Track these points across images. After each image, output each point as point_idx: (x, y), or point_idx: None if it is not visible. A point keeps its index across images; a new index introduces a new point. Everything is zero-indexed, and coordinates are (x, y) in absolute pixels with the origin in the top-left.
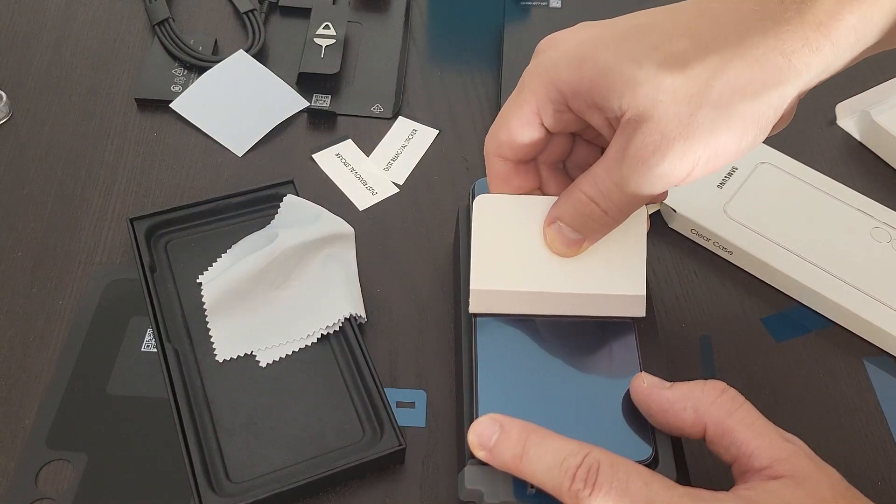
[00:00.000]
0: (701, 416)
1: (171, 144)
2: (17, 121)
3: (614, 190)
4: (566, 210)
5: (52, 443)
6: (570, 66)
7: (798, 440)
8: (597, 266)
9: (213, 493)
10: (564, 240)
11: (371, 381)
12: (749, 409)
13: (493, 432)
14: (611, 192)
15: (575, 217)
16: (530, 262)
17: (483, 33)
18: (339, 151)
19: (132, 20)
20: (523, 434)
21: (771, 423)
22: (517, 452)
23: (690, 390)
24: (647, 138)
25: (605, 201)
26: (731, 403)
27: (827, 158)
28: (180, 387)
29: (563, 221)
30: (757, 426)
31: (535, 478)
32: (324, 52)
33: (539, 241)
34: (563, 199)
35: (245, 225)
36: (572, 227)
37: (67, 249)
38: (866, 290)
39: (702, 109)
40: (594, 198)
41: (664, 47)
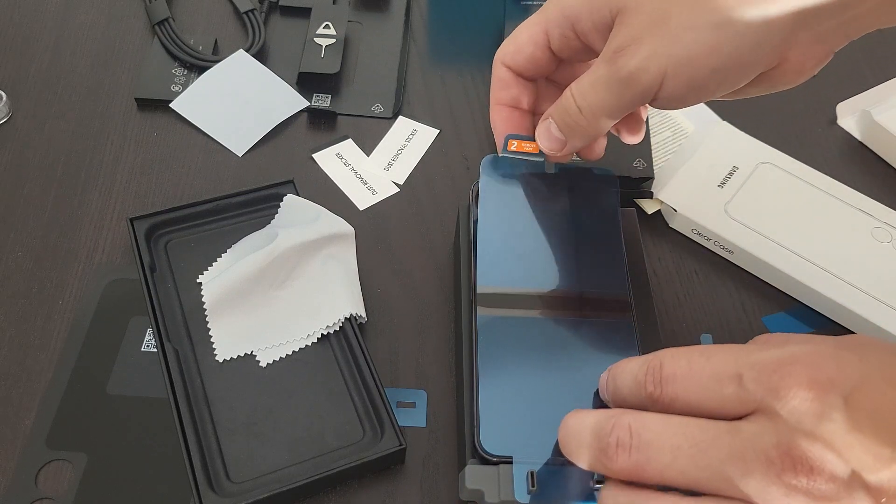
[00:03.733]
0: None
1: (171, 144)
2: (17, 121)
3: (589, 90)
4: (555, 106)
5: (52, 443)
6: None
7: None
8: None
9: (213, 493)
10: (549, 135)
11: (371, 381)
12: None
13: None
14: (586, 92)
15: (558, 114)
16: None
17: (483, 33)
18: (340, 151)
19: (132, 20)
20: None
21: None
22: None
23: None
24: (619, 40)
25: (582, 99)
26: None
27: (828, 158)
28: (180, 387)
29: (552, 118)
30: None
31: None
32: (324, 52)
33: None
34: (558, 100)
35: (245, 225)
36: (558, 124)
37: (67, 249)
38: (867, 290)
39: (676, 11)
40: (574, 95)
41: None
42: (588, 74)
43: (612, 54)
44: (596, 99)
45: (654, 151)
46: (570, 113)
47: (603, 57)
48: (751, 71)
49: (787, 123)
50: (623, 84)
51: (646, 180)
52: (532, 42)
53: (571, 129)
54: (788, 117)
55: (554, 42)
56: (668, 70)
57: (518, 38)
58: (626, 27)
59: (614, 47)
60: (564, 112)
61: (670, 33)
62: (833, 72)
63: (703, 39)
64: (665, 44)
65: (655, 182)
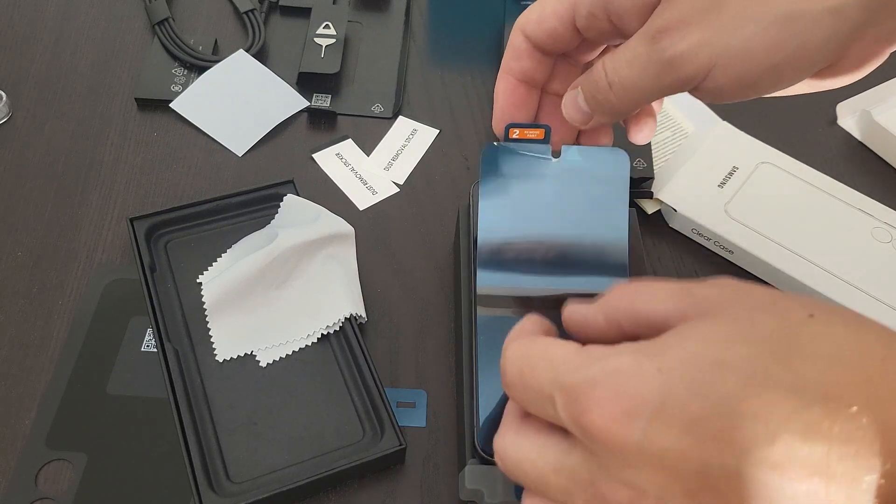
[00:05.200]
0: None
1: (171, 144)
2: (17, 121)
3: (624, 66)
4: (584, 77)
5: (52, 443)
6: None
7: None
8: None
9: (213, 493)
10: (575, 105)
11: (371, 380)
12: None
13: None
14: (620, 68)
15: (587, 85)
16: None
17: (483, 33)
18: (340, 151)
19: (132, 20)
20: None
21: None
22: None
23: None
24: (664, 19)
25: (615, 75)
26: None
27: (828, 158)
28: (180, 387)
29: (581, 88)
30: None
31: None
32: (324, 52)
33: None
34: (589, 70)
35: (245, 225)
36: (585, 96)
37: (67, 249)
38: (867, 290)
39: (733, 1)
40: (606, 67)
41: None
42: (624, 50)
43: (656, 33)
44: (631, 77)
45: (654, 151)
46: (599, 87)
47: (643, 34)
48: (810, 69)
49: (787, 123)
50: (664, 67)
51: (646, 180)
52: (556, 15)
53: (599, 104)
54: (788, 117)
55: (580, 19)
56: (718, 61)
57: (543, 9)
58: (675, 7)
59: (658, 26)
60: (594, 85)
61: (727, 21)
62: None
63: (766, 33)
64: (720, 33)
65: (655, 182)
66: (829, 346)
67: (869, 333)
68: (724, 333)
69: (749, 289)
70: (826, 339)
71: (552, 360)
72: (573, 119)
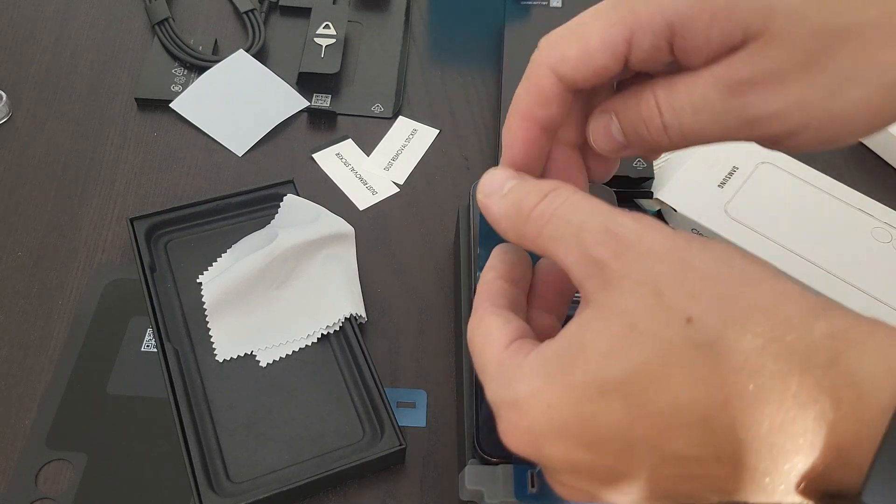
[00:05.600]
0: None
1: (171, 144)
2: (17, 121)
3: (688, 112)
4: (627, 106)
5: (52, 443)
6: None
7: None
8: None
9: (213, 493)
10: (608, 135)
11: (371, 380)
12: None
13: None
14: (683, 113)
15: (631, 117)
16: None
17: (483, 33)
18: (340, 151)
19: (132, 20)
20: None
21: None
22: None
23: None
24: (752, 69)
25: (673, 118)
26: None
27: (828, 158)
28: (180, 387)
29: (618, 117)
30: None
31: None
32: (324, 52)
33: None
34: (627, 94)
35: (245, 225)
36: (625, 129)
37: (67, 249)
38: (867, 290)
39: (841, 54)
40: (662, 106)
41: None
42: (690, 92)
43: (739, 85)
44: (695, 125)
45: None
46: (649, 126)
47: (720, 82)
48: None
49: None
50: (743, 123)
51: (646, 180)
52: (607, 49)
53: (643, 140)
54: None
55: (638, 52)
56: (811, 123)
57: (586, 40)
58: (766, 58)
59: (744, 77)
60: (642, 122)
61: (829, 81)
62: None
63: (872, 99)
64: (820, 94)
65: (655, 182)
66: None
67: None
68: (604, 353)
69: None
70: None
71: (484, 365)
72: (602, 148)
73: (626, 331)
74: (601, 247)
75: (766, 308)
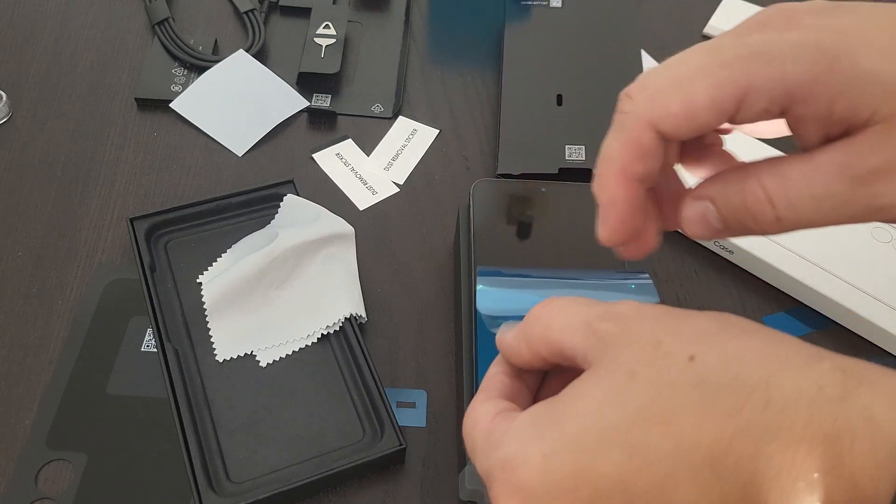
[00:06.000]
0: (531, 346)
1: (171, 144)
2: (17, 121)
3: (808, 203)
4: (727, 196)
5: (52, 443)
6: (818, 65)
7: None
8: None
9: (213, 493)
10: (704, 223)
11: (371, 381)
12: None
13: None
14: (801, 204)
15: (734, 207)
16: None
17: (483, 33)
18: (340, 151)
19: (132, 20)
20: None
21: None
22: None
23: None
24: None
25: (788, 210)
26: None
27: None
28: (180, 387)
29: (715, 204)
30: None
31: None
32: (324, 52)
33: None
34: (728, 182)
35: (245, 225)
36: (723, 217)
37: (67, 249)
38: (867, 290)
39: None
40: (774, 199)
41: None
42: (810, 183)
43: (868, 174)
44: (811, 214)
45: None
46: (759, 219)
47: (844, 168)
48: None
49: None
50: (870, 212)
51: None
52: (715, 107)
53: (746, 229)
54: None
55: (747, 113)
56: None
57: (693, 98)
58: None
59: (873, 166)
60: (747, 213)
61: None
62: None
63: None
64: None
65: None
66: (706, 396)
67: (747, 371)
68: (603, 399)
69: (640, 323)
70: (703, 388)
71: (474, 440)
72: (696, 234)
73: (626, 378)
74: (604, 322)
75: (768, 350)
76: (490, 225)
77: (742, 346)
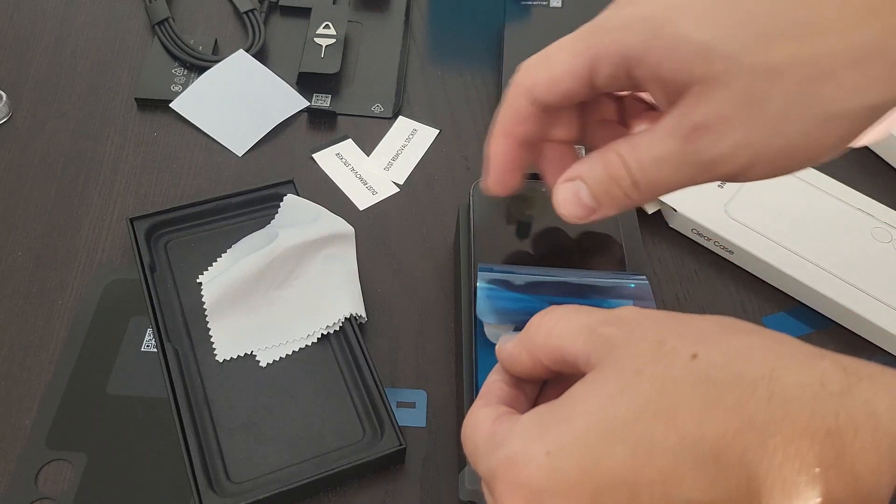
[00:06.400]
0: (532, 353)
1: (171, 144)
2: (17, 121)
3: (653, 166)
4: (593, 170)
5: (52, 443)
6: (644, 32)
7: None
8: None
9: (213, 493)
10: (576, 200)
11: (371, 381)
12: (567, 315)
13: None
14: (648, 168)
15: (601, 181)
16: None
17: (483, 33)
18: (340, 151)
19: (132, 20)
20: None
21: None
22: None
23: (521, 333)
24: (700, 115)
25: (641, 174)
26: (547, 321)
27: None
28: (180, 387)
29: (585, 181)
30: (572, 327)
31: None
32: (324, 52)
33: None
34: (589, 160)
35: (245, 225)
36: (593, 191)
37: (67, 249)
38: (867, 290)
39: (779, 93)
40: (631, 167)
41: (756, 22)
42: (651, 146)
43: (691, 131)
44: (660, 177)
45: None
46: (620, 184)
47: (674, 129)
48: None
49: None
50: (700, 168)
51: None
52: (572, 75)
53: (614, 199)
54: None
55: (600, 79)
56: (758, 160)
57: (554, 68)
58: (711, 102)
59: (693, 123)
60: (611, 182)
61: (770, 119)
62: None
63: (810, 131)
64: (762, 132)
65: None
66: (710, 390)
67: (750, 366)
68: (608, 396)
69: (642, 325)
70: (707, 383)
71: (475, 443)
72: (572, 217)
73: (631, 376)
74: (607, 326)
75: (770, 348)
76: (490, 225)
77: (744, 343)
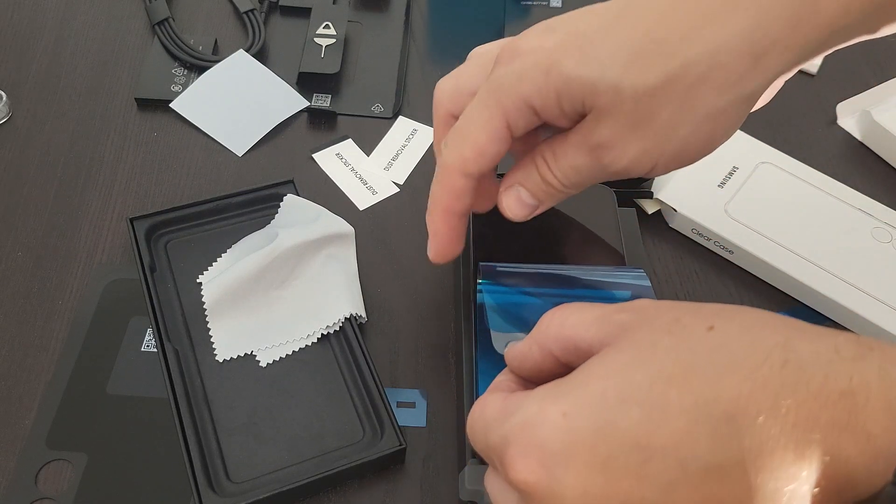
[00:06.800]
0: (542, 345)
1: (171, 144)
2: (17, 121)
3: (570, 171)
4: (528, 177)
5: (52, 443)
6: (538, 79)
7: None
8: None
9: (213, 493)
10: (520, 202)
11: (371, 380)
12: (579, 309)
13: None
14: (566, 172)
15: (535, 185)
16: None
17: (483, 33)
18: (340, 151)
19: (132, 20)
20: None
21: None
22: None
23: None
24: (600, 136)
25: (564, 178)
26: (560, 314)
27: (828, 158)
28: (180, 387)
29: (523, 186)
30: (585, 317)
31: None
32: (324, 52)
33: None
34: (523, 167)
35: (245, 225)
36: (531, 192)
37: (67, 249)
38: (867, 290)
39: (662, 110)
40: (553, 169)
41: (628, 46)
42: (566, 156)
43: (596, 149)
44: (578, 179)
45: None
46: (549, 182)
47: (583, 146)
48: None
49: (787, 123)
50: (610, 175)
51: (646, 180)
52: (495, 140)
53: (549, 194)
54: (788, 117)
55: (517, 130)
56: (659, 162)
57: (476, 140)
58: (605, 127)
59: (596, 142)
60: (541, 182)
61: (660, 132)
62: (833, 72)
63: (698, 132)
64: (656, 141)
65: (655, 182)
66: (725, 357)
67: (765, 335)
68: (625, 363)
69: (657, 309)
70: (723, 350)
71: (485, 420)
72: (519, 216)
73: (647, 347)
74: (621, 313)
75: (784, 320)
76: (490, 225)
77: (759, 317)
